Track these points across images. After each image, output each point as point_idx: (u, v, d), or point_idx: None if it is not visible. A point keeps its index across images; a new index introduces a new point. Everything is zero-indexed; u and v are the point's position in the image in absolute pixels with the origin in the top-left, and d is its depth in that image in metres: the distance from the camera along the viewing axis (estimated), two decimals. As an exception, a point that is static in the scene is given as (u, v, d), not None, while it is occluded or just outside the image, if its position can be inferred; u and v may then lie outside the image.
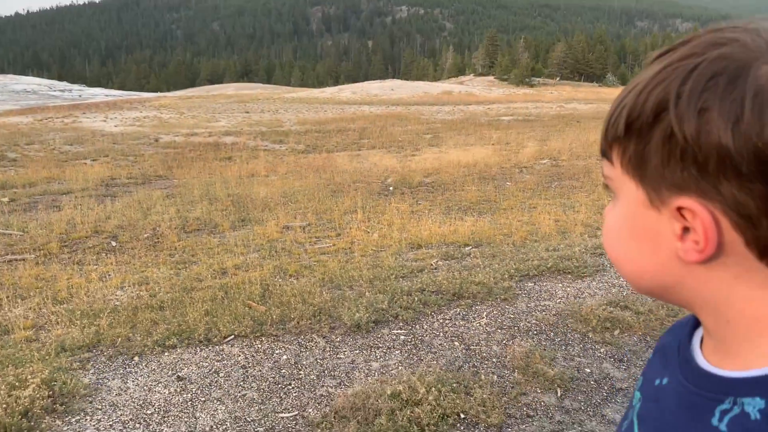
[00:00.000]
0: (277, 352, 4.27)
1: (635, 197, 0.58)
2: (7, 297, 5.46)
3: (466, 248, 6.89)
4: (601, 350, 4.34)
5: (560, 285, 5.59)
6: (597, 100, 43.85)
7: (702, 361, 0.62)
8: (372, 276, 5.79)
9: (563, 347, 4.37)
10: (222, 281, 5.75)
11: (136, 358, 4.19)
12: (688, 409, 0.61)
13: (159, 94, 75.31)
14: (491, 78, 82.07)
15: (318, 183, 11.94)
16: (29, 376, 3.62)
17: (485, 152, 15.88)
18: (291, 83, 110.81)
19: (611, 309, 4.84)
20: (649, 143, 0.55)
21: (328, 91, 59.62)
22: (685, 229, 0.55)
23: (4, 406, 3.30)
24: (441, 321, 4.77)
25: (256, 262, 6.46)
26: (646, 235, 0.58)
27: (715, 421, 0.57)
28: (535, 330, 4.64)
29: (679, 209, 0.55)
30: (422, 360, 4.15)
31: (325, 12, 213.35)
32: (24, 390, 3.47)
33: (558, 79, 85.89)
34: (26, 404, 3.36)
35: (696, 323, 0.69)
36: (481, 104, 39.84)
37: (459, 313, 4.91)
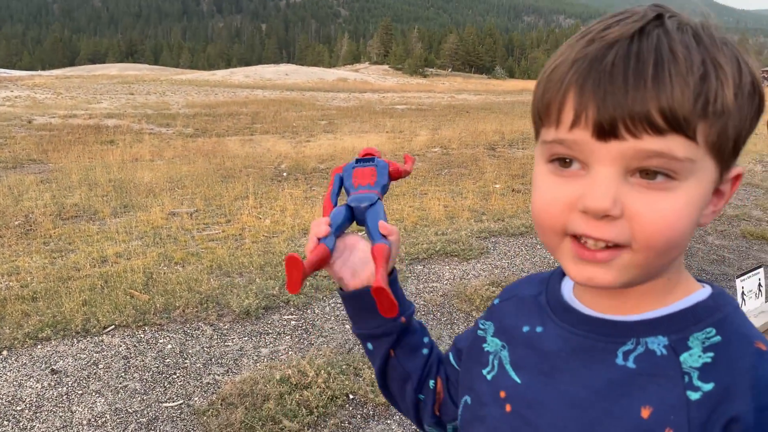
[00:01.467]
0: (161, 341, 4.13)
1: (712, 178, 0.58)
2: None
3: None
4: (484, 328, 4.54)
5: (447, 267, 5.79)
6: (486, 92, 45.46)
7: (588, 310, 0.66)
8: (263, 262, 5.72)
9: (449, 326, 4.53)
10: (102, 270, 5.47)
11: (5, 352, 3.90)
12: (583, 353, 0.64)
13: (33, 72, 69.79)
14: (386, 67, 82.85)
15: (207, 168, 11.58)
16: None
17: (380, 139, 16.05)
18: (180, 65, 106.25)
19: (493, 289, 5.07)
20: (744, 118, 0.56)
21: (219, 74, 57.79)
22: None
23: None
24: (333, 305, 4.80)
25: (140, 250, 6.19)
26: (699, 212, 0.58)
27: (619, 360, 0.61)
28: (423, 310, 4.78)
29: (735, 178, 0.61)
30: (313, 344, 4.16)
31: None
32: None
33: (450, 70, 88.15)
34: None
35: (561, 278, 0.73)
36: (376, 92, 40.16)
37: (349, 297, 4.96)
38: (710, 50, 0.54)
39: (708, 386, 0.56)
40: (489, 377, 0.73)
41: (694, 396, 0.57)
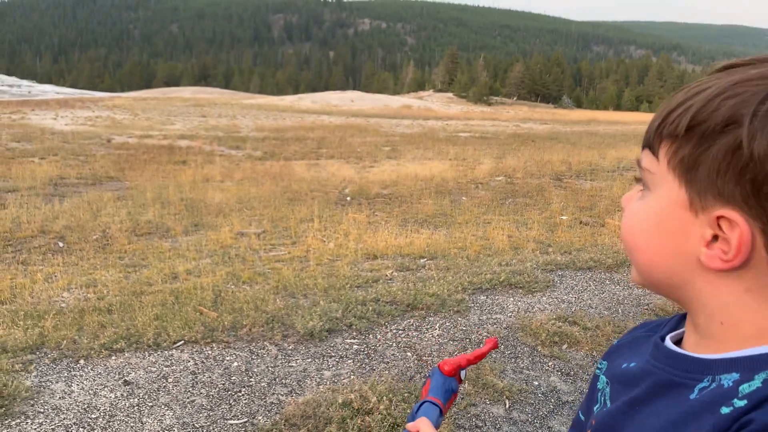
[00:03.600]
0: (227, 358, 4.22)
1: (675, 197, 0.60)
2: (-55, 296, 5.24)
3: (421, 260, 6.95)
4: (549, 364, 4.43)
5: (511, 299, 5.70)
6: (552, 121, 44.92)
7: (676, 347, 0.66)
8: (327, 285, 5.78)
9: (513, 360, 4.45)
10: (173, 286, 5.65)
11: (82, 361, 4.07)
12: (663, 387, 0.64)
13: (113, 94, 73.59)
14: (450, 95, 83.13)
15: (274, 190, 11.85)
16: (-33, 378, 3.49)
17: (442, 167, 16.07)
18: (250, 89, 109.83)
19: (560, 324, 4.96)
20: (708, 150, 0.56)
21: (288, 99, 59.35)
22: (714, 237, 0.58)
23: (-61, 408, 3.17)
24: (394, 331, 4.80)
25: (209, 268, 6.38)
26: (673, 234, 0.60)
27: (693, 396, 0.60)
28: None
29: (719, 218, 0.57)
30: (374, 369, 4.16)
31: (288, 20, 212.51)
32: (-40, 392, 3.34)
33: (515, 98, 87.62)
34: (-38, 407, 3.23)
35: (675, 327, 0.72)
36: (440, 120, 40.31)
37: (412, 324, 4.95)
38: (711, 83, 0.57)
39: (741, 402, 0.55)
40: (594, 413, 0.76)
41: (725, 410, 0.55)
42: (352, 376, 4.05)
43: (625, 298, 5.84)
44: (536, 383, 4.08)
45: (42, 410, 3.47)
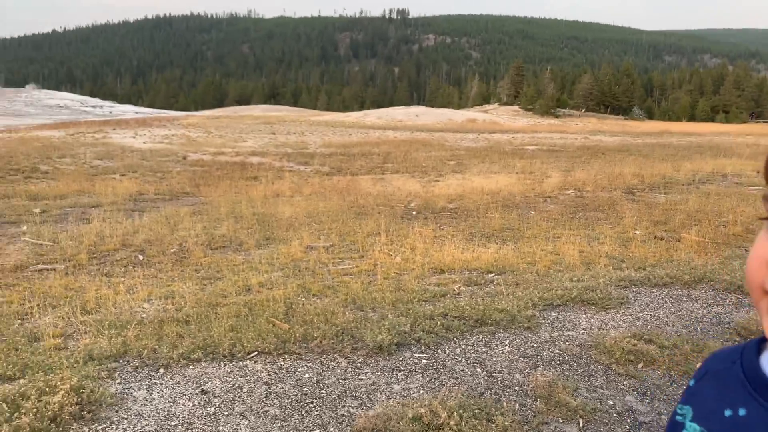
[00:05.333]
0: (299, 370, 4.30)
1: None
2: (38, 305, 5.57)
3: (489, 275, 6.88)
4: (625, 383, 4.30)
5: (584, 316, 5.56)
6: (623, 133, 43.66)
7: None
8: (395, 299, 5.81)
9: (586, 378, 4.33)
10: (246, 298, 5.81)
11: (162, 370, 4.24)
12: None
13: (187, 113, 76.61)
14: (516, 107, 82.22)
15: (342, 205, 12.02)
16: (58, 383, 3.69)
17: (509, 180, 15.89)
18: (317, 107, 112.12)
19: (635, 342, 4.80)
20: None
21: (354, 116, 60.22)
22: None
23: (34, 410, 3.37)
24: (463, 347, 4.76)
25: (280, 281, 6.52)
26: None
27: None
28: (558, 360, 4.61)
29: None
30: (444, 384, 4.14)
31: (354, 38, 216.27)
32: (53, 396, 3.53)
33: (583, 110, 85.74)
34: (55, 410, 3.42)
35: (760, 349, 0.68)
36: (506, 133, 39.90)
37: (481, 340, 4.90)
38: None
39: None
40: None
41: None
42: (421, 391, 4.05)
43: (703, 316, 5.60)
44: (611, 402, 3.96)
45: (126, 416, 3.63)
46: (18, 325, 5.13)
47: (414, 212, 11.51)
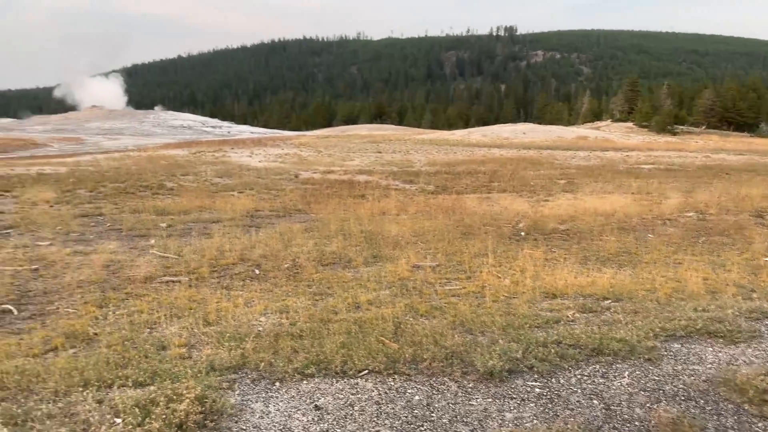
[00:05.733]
0: (409, 391, 4.31)
1: None
2: (165, 315, 5.95)
3: (605, 302, 6.59)
4: (759, 425, 3.96)
5: (710, 349, 5.19)
6: (748, 151, 40.63)
7: None
8: (504, 323, 5.69)
9: (715, 417, 4.03)
10: (356, 315, 5.91)
11: (278, 384, 4.39)
12: None
13: (299, 132, 79.68)
14: (630, 124, 78.72)
15: (448, 224, 11.98)
16: (184, 391, 3.91)
17: (624, 201, 15.19)
18: (422, 125, 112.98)
19: (773, 381, 4.41)
20: None
21: (458, 134, 60.09)
22: None
23: (163, 417, 3.59)
24: (579, 376, 4.58)
25: (388, 299, 6.58)
26: None
27: None
28: (683, 395, 4.32)
29: None
30: (558, 416, 4.00)
31: (459, 57, 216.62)
32: (180, 404, 3.74)
33: (704, 127, 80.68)
34: (182, 417, 3.62)
35: None
36: (619, 151, 38.26)
37: (598, 370, 4.69)
38: None
39: None
40: None
41: None
42: (535, 421, 3.92)
43: None
44: (746, 447, 3.66)
45: (244, 427, 3.78)
46: (147, 333, 5.50)
47: (522, 233, 11.27)
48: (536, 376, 4.58)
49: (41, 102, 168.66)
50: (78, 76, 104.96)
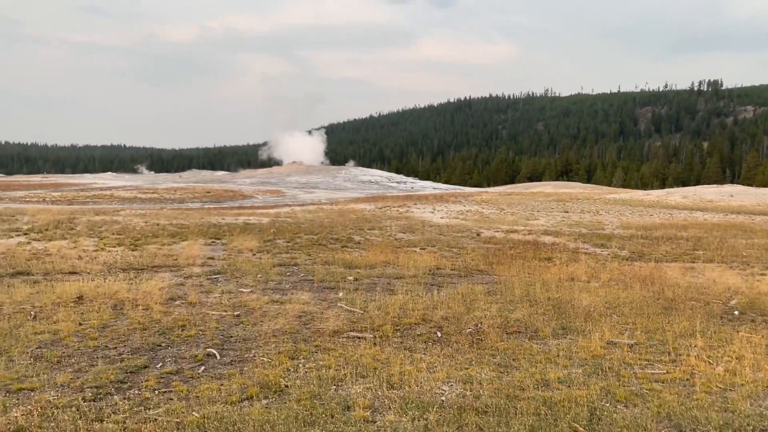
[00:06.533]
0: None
1: None
2: (350, 373, 6.02)
3: None
4: None
5: None
6: None
7: None
8: (722, 422, 4.92)
9: None
10: (545, 394, 5.49)
11: (461, 465, 4.14)
12: None
13: (480, 189, 79.93)
14: None
15: (645, 296, 10.98)
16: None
17: None
18: (612, 183, 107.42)
19: None
20: None
21: (654, 194, 56.06)
22: None
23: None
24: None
25: (581, 379, 6.06)
26: None
27: None
28: None
29: None
30: None
31: (656, 112, 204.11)
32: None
33: None
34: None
35: None
36: None
37: None
38: None
39: None
40: None
41: None
42: None
43: None
44: None
45: None
46: (333, 390, 5.57)
47: (736, 312, 9.94)
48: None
49: (249, 157, 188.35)
50: (281, 133, 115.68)
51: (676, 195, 52.21)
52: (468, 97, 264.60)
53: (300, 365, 6.34)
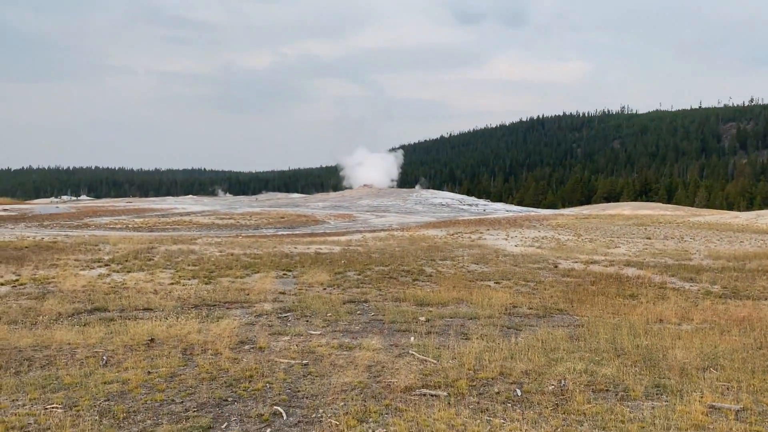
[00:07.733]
0: None
1: None
2: (424, 444, 5.58)
3: None
4: None
5: None
6: None
7: None
8: None
9: None
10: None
11: None
12: None
13: (555, 211, 77.82)
14: None
15: (746, 343, 10.00)
16: None
17: None
18: (695, 203, 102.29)
19: None
20: None
21: (743, 216, 52.72)
22: None
23: None
24: None
25: (683, 458, 5.38)
26: None
27: None
28: None
29: None
30: None
31: (741, 128, 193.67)
32: None
33: None
34: None
35: None
36: None
37: None
38: None
39: None
40: None
41: None
42: None
43: None
44: None
45: None
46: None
47: None
48: None
49: (323, 179, 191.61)
50: (353, 156, 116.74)
51: (767, 217, 48.92)
52: (541, 116, 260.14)
53: (369, 430, 5.96)
